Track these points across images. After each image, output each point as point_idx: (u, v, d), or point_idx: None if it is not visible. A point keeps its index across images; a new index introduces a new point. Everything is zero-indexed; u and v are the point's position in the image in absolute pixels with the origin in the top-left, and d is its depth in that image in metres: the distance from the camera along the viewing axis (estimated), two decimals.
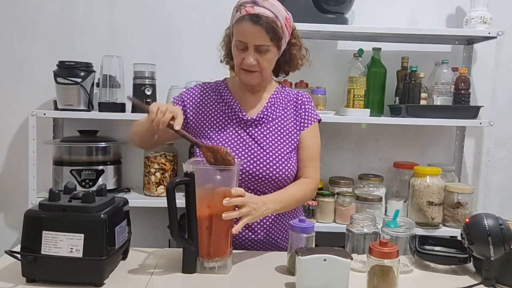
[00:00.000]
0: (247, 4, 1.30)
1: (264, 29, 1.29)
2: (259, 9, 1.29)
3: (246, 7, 1.29)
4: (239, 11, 1.30)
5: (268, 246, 1.42)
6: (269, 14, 1.29)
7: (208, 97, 1.47)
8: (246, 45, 1.31)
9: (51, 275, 1.04)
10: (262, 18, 1.28)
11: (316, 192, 2.05)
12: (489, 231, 1.10)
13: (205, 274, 1.14)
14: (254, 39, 1.30)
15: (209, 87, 1.50)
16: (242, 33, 1.30)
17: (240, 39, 1.31)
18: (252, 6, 1.29)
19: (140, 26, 2.23)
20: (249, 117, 1.43)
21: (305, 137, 1.45)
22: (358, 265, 1.19)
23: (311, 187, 1.43)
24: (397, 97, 2.18)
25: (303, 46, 1.47)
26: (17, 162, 2.23)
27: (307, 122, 1.46)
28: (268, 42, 1.31)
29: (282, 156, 1.38)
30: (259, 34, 1.29)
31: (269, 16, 1.29)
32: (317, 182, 1.46)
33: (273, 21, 1.30)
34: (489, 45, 2.12)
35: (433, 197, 1.97)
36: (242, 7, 1.30)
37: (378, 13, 2.25)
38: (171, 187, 1.11)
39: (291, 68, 1.49)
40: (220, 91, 1.48)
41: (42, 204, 1.06)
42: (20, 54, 2.21)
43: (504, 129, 2.30)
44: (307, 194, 1.43)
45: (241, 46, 1.32)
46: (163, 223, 2.10)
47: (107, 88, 2.03)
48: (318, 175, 1.48)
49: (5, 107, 2.23)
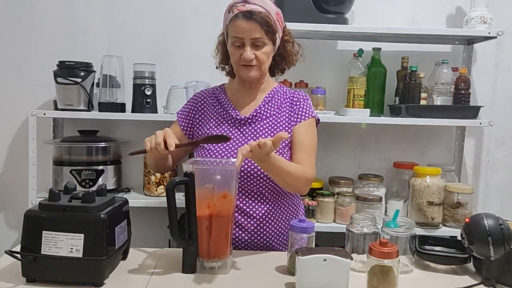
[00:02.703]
0: (238, 4, 1.34)
1: (258, 23, 1.32)
2: (251, 6, 1.33)
3: (238, 6, 1.34)
4: (231, 11, 1.35)
5: (261, 249, 1.41)
6: (261, 9, 1.34)
7: (206, 103, 1.51)
8: (243, 41, 1.34)
9: (51, 275, 1.04)
10: (255, 13, 1.32)
11: (316, 192, 2.07)
12: (489, 231, 1.10)
13: (205, 274, 1.14)
14: (250, 33, 1.33)
15: (206, 93, 1.53)
16: (238, 30, 1.33)
17: (236, 35, 1.34)
18: (244, 4, 1.33)
19: (140, 26, 2.23)
20: (243, 116, 1.44)
21: (298, 132, 1.42)
22: (358, 265, 1.18)
23: (306, 176, 1.36)
24: (397, 97, 2.18)
25: (296, 42, 1.50)
26: (17, 162, 2.23)
27: (300, 117, 1.45)
28: (263, 35, 1.34)
29: (278, 152, 1.38)
30: (254, 28, 1.33)
31: (261, 11, 1.33)
32: (312, 177, 1.39)
33: (266, 15, 1.34)
34: (489, 45, 2.12)
35: (433, 197, 1.97)
36: (234, 7, 1.34)
37: (378, 13, 2.25)
38: (171, 187, 1.11)
39: (287, 64, 1.51)
40: (217, 95, 1.51)
41: (42, 204, 1.06)
42: (20, 54, 2.21)
43: (504, 129, 2.30)
44: (300, 179, 1.34)
45: (238, 43, 1.35)
46: (163, 223, 2.10)
47: (107, 88, 2.03)
48: (313, 171, 1.40)
49: (5, 107, 2.23)
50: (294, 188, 1.39)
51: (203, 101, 1.51)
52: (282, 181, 1.33)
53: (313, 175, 1.40)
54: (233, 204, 1.18)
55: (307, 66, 2.25)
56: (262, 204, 1.40)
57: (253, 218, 1.39)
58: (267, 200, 1.41)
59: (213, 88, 1.55)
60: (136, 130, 2.19)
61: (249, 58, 1.35)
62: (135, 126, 2.19)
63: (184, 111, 1.52)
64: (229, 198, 1.15)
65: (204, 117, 1.49)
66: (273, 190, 1.41)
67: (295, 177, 1.33)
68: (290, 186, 1.37)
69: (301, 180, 1.35)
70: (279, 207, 1.43)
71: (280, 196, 1.44)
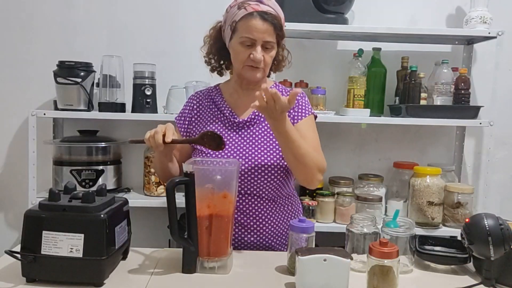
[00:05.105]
0: (251, 2, 1.31)
1: (273, 26, 1.31)
2: (266, 7, 1.31)
3: (251, 5, 1.31)
4: (243, 8, 1.31)
5: (261, 249, 1.41)
6: (274, 12, 1.32)
7: (202, 105, 1.49)
8: (254, 41, 1.31)
9: (51, 275, 1.04)
10: (271, 15, 1.31)
11: (316, 192, 2.07)
12: (489, 231, 1.10)
13: (205, 274, 1.14)
14: (264, 36, 1.31)
15: (201, 95, 1.51)
16: (251, 29, 1.30)
17: (249, 36, 1.31)
18: (258, 4, 1.31)
19: (140, 26, 2.23)
20: (241, 119, 1.43)
21: (300, 129, 1.39)
22: (358, 265, 1.18)
23: (319, 163, 1.33)
24: (397, 97, 2.18)
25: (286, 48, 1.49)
26: (17, 162, 2.23)
27: (300, 115, 1.43)
28: (274, 39, 1.34)
29: (276, 153, 1.38)
30: (269, 31, 1.31)
31: (275, 15, 1.32)
32: (324, 167, 1.36)
33: (279, 19, 1.33)
34: (489, 45, 2.12)
35: (433, 197, 1.97)
36: (246, 5, 1.31)
37: (378, 13, 2.25)
38: (171, 187, 1.11)
39: (278, 68, 1.50)
40: (213, 97, 1.49)
41: (42, 204, 1.06)
42: (20, 54, 2.21)
43: (504, 129, 2.29)
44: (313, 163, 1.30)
45: (249, 43, 1.32)
46: (163, 223, 2.10)
47: (107, 88, 2.03)
48: (325, 163, 1.37)
49: (5, 107, 2.23)
50: (305, 173, 1.33)
51: (199, 103, 1.49)
52: (294, 159, 1.28)
53: (325, 166, 1.37)
54: (233, 204, 1.18)
55: (307, 66, 2.27)
56: (261, 204, 1.40)
57: (253, 219, 1.39)
58: (266, 201, 1.40)
59: (208, 89, 1.53)
60: (136, 130, 2.19)
61: (260, 60, 1.32)
62: (135, 126, 2.19)
63: (181, 116, 1.50)
64: (229, 198, 1.15)
65: (201, 120, 1.47)
66: (271, 193, 1.41)
67: (309, 158, 1.29)
68: (302, 170, 1.32)
69: (314, 164, 1.31)
70: (278, 207, 1.43)
71: (279, 196, 1.43)
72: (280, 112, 1.19)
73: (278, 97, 1.16)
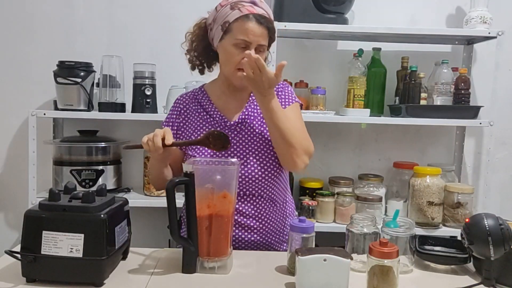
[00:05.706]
0: (245, 4, 1.29)
1: (267, 30, 1.31)
2: (260, 10, 1.30)
3: (246, 6, 1.29)
4: (237, 9, 1.29)
5: (262, 249, 1.41)
6: (267, 15, 1.32)
7: (189, 109, 1.45)
8: (249, 44, 1.29)
9: (51, 275, 1.04)
10: (266, 19, 1.31)
11: (316, 192, 2.07)
12: (489, 231, 1.10)
13: (205, 274, 1.14)
14: (259, 39, 1.30)
15: (187, 98, 1.47)
16: (248, 32, 1.28)
17: (244, 38, 1.28)
18: (252, 5, 1.30)
19: (140, 26, 2.23)
20: (232, 121, 1.40)
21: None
22: (358, 265, 1.18)
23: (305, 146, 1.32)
24: (397, 97, 2.18)
25: None
26: (17, 162, 2.23)
27: (285, 104, 1.40)
28: (267, 43, 1.34)
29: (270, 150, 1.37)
30: (264, 35, 1.31)
31: (269, 18, 1.32)
32: (311, 151, 1.35)
33: (272, 22, 1.33)
34: (489, 45, 2.12)
35: (433, 197, 1.97)
36: (241, 6, 1.29)
37: (378, 13, 2.25)
38: (171, 187, 1.11)
39: None
40: (199, 100, 1.45)
41: (42, 204, 1.06)
42: (20, 54, 2.22)
43: (504, 129, 2.30)
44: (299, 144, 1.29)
45: (243, 45, 1.30)
46: (163, 223, 2.09)
47: (107, 88, 2.04)
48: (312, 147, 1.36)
49: (5, 107, 2.23)
50: (290, 154, 1.30)
51: (186, 107, 1.45)
52: (280, 138, 1.27)
53: (312, 151, 1.36)
54: (233, 204, 1.17)
55: (307, 66, 2.27)
56: (257, 203, 1.39)
57: (252, 220, 1.39)
58: (262, 199, 1.40)
59: (192, 92, 1.48)
60: (136, 130, 2.19)
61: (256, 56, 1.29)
62: (135, 126, 2.19)
63: (169, 121, 1.45)
64: (229, 198, 1.15)
65: (190, 125, 1.43)
66: (268, 194, 1.40)
67: (295, 138, 1.28)
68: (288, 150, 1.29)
69: (300, 145, 1.30)
70: (274, 205, 1.42)
71: (274, 193, 1.43)
72: (268, 86, 1.21)
73: (262, 65, 1.18)
